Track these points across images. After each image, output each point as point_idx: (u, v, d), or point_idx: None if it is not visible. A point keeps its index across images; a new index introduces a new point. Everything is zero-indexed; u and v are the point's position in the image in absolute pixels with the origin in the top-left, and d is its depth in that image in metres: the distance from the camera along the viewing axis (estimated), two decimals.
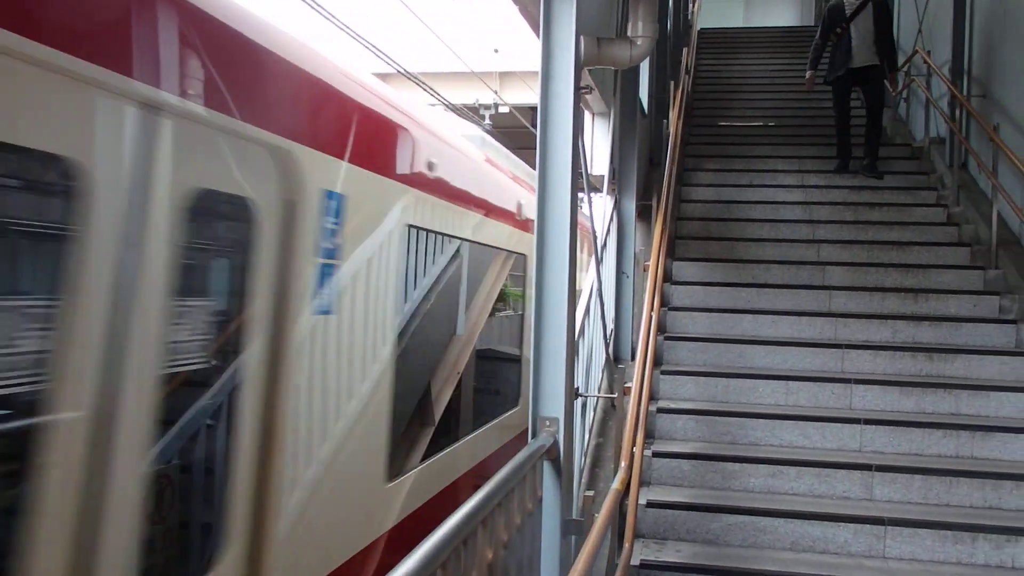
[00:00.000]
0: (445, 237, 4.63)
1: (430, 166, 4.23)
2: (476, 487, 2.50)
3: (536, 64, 3.54)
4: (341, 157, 3.27)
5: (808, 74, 8.52)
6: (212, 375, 2.73)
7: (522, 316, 6.57)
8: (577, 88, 3.54)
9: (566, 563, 3.45)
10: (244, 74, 2.72)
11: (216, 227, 2.86)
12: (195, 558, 2.70)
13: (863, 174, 7.87)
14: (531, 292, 3.86)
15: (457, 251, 4.88)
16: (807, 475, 4.63)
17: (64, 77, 2.02)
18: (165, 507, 2.49)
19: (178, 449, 2.60)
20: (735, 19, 21.04)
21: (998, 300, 5.97)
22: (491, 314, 5.78)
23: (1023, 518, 4.28)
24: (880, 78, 8.02)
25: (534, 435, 3.40)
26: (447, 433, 4.80)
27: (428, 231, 4.31)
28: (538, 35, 3.60)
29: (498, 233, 5.64)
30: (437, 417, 4.56)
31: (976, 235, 6.78)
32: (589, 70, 5.62)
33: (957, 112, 7.83)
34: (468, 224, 4.95)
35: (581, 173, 4.53)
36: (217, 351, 2.75)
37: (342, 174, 3.27)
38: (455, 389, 4.90)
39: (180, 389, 2.58)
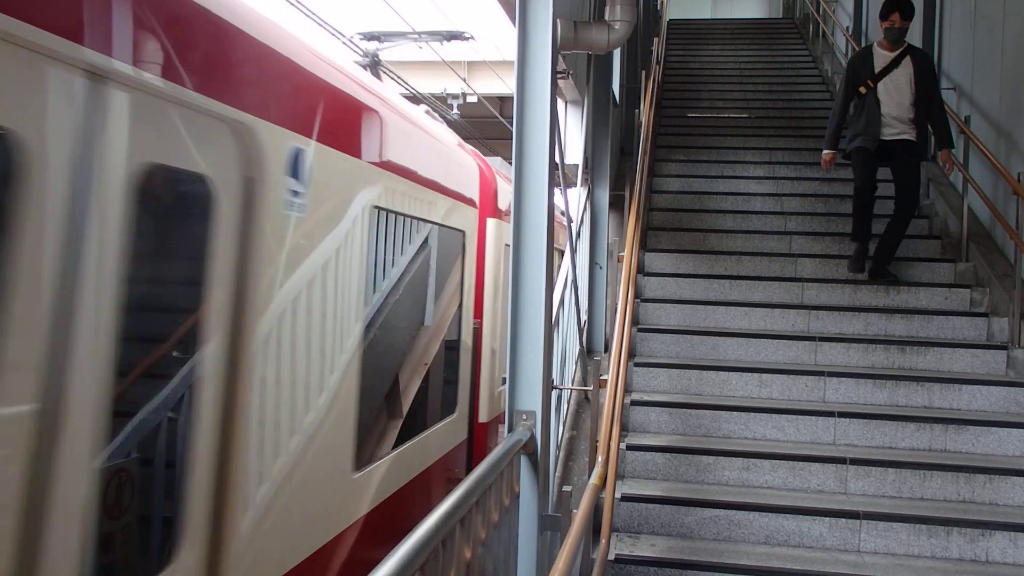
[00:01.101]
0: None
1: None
2: None
3: (505, 54, 3.45)
4: None
5: (827, 154, 6.39)
6: None
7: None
8: (554, 72, 3.44)
9: (542, 559, 3.37)
10: None
11: None
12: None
13: (871, 277, 6.21)
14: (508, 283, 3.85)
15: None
16: (781, 468, 4.60)
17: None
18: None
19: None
20: (703, 11, 21.11)
21: (969, 293, 5.99)
22: None
23: (996, 512, 4.29)
24: (918, 159, 6.17)
25: (511, 429, 3.31)
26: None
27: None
28: (512, 18, 3.49)
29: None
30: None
31: (946, 228, 6.81)
32: (563, 56, 5.52)
33: None
34: None
35: (558, 163, 4.44)
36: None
37: None
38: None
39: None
